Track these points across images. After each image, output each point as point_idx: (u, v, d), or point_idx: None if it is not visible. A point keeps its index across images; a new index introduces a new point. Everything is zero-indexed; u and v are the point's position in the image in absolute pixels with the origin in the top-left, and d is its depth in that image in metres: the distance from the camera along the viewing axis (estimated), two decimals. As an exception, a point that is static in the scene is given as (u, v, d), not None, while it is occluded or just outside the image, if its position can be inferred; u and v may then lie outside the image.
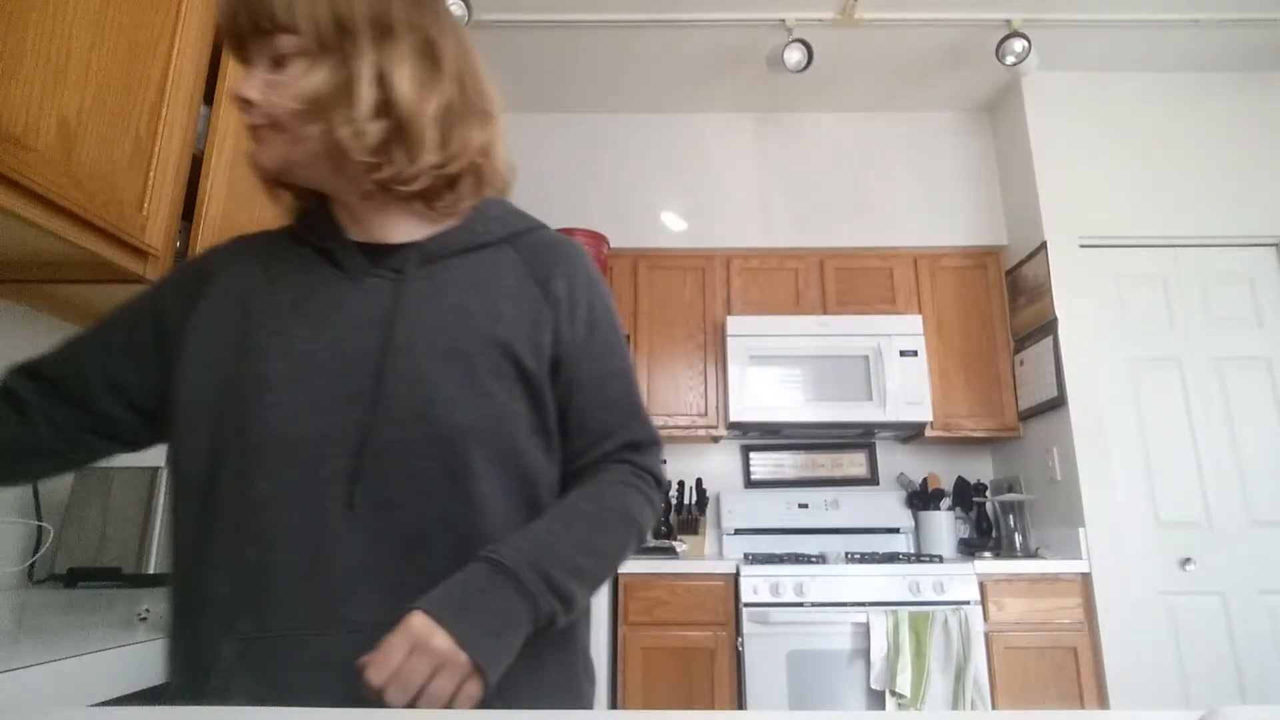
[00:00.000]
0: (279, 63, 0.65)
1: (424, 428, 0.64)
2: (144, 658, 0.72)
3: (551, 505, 0.70)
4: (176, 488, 0.66)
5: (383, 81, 0.65)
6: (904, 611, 2.21)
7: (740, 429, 2.84)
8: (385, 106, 0.65)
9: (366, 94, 0.64)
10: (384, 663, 0.55)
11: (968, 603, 2.26)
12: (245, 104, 0.65)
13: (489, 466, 0.66)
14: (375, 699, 0.55)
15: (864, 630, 2.20)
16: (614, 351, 0.77)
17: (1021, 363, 2.80)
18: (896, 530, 2.88)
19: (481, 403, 0.66)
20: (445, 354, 0.66)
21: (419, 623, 0.56)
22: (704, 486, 2.91)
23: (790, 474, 3.04)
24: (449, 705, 0.56)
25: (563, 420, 0.74)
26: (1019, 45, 2.54)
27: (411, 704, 0.55)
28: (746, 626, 2.25)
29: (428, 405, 0.64)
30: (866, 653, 2.18)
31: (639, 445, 0.76)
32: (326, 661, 0.59)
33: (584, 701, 0.74)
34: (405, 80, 0.66)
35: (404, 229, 0.72)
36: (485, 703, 0.59)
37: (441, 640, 0.56)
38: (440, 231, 0.72)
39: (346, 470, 0.62)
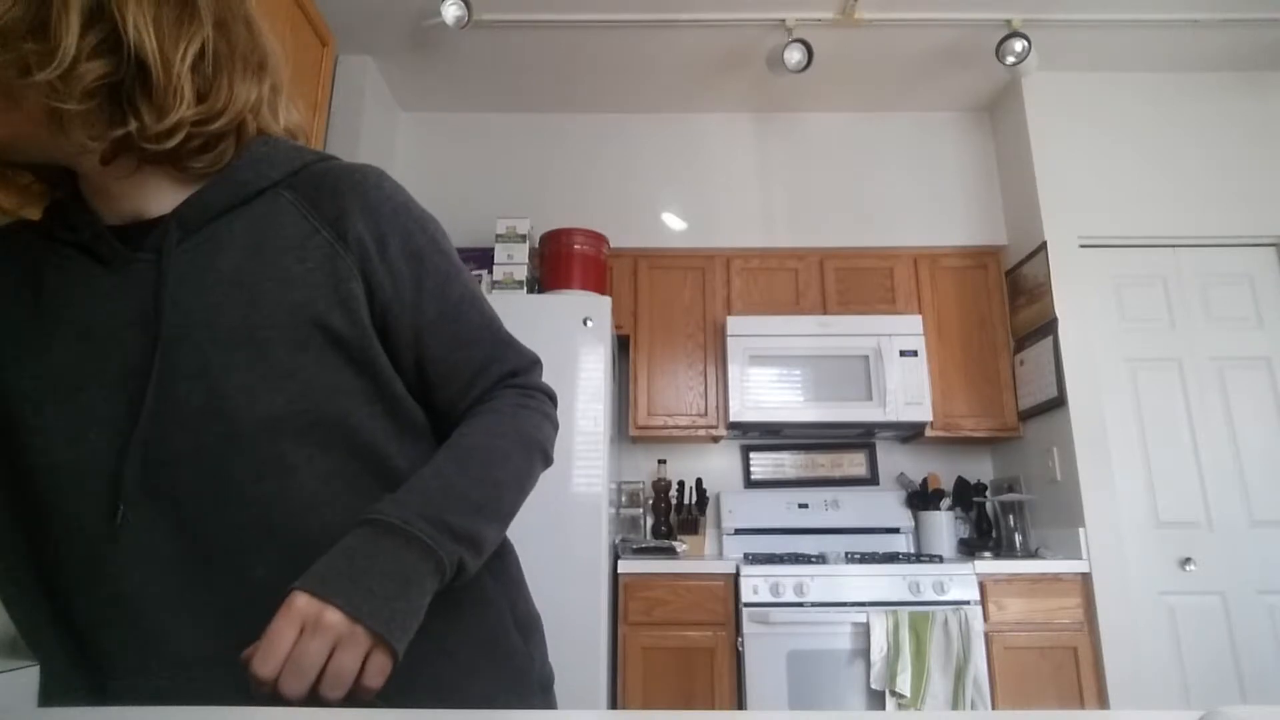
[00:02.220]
0: None
1: (218, 428, 0.55)
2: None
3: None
4: None
5: (102, 16, 0.52)
6: (904, 611, 2.21)
7: (740, 429, 2.84)
8: (109, 46, 0.53)
9: (72, 27, 0.51)
10: (271, 650, 0.47)
11: (968, 603, 2.25)
12: None
13: (311, 456, 0.57)
14: (267, 695, 0.47)
15: (864, 630, 2.20)
16: (452, 279, 0.66)
17: (1021, 363, 2.80)
18: (896, 530, 2.88)
19: (285, 385, 0.56)
20: (228, 337, 0.56)
21: (302, 601, 0.49)
22: (704, 486, 2.91)
23: (790, 474, 3.04)
24: (361, 685, 0.50)
25: (423, 372, 0.65)
26: (1019, 45, 2.54)
27: (314, 692, 0.48)
28: (746, 626, 2.25)
29: (218, 402, 0.55)
30: (866, 653, 2.18)
31: (517, 372, 0.69)
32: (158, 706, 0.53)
33: (516, 658, 0.68)
34: (136, 16, 0.53)
35: (162, 198, 0.60)
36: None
37: (333, 615, 0.48)
38: (196, 193, 0.60)
39: (112, 498, 0.54)
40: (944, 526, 2.79)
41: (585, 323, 2.37)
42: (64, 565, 0.55)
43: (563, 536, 2.18)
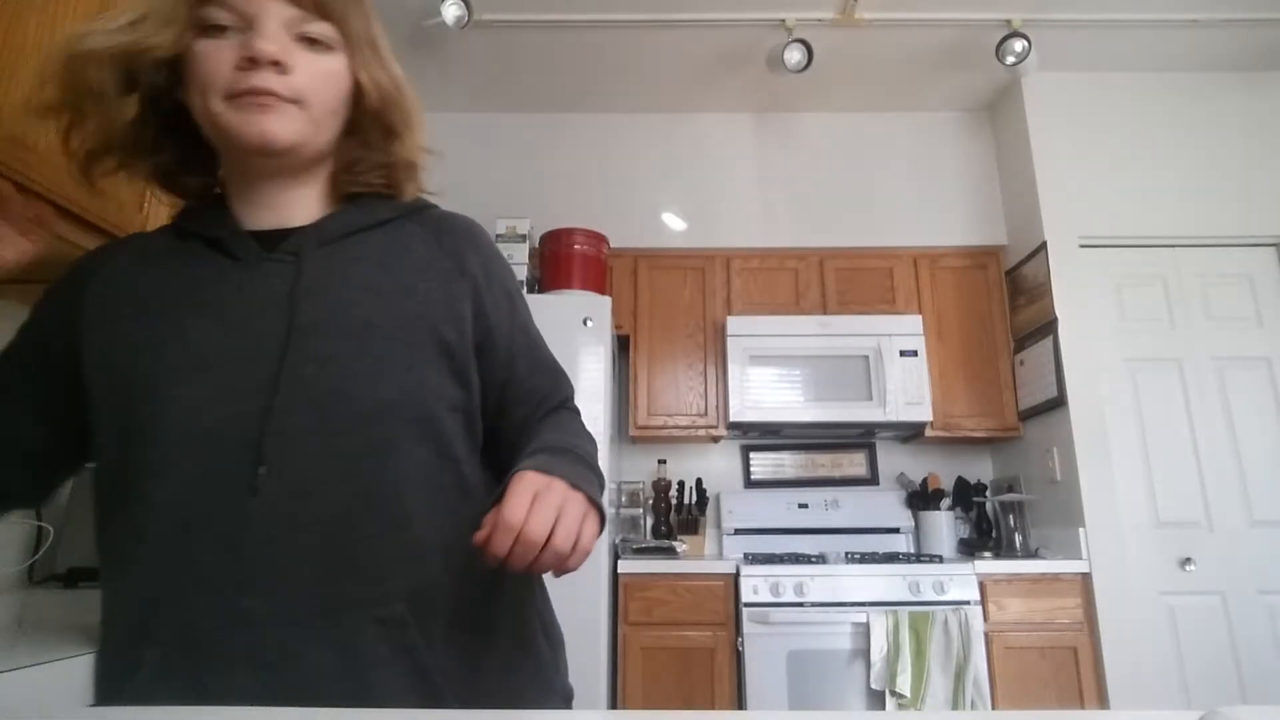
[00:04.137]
0: (302, 41, 0.65)
1: (341, 406, 0.62)
2: (144, 658, 0.71)
3: (474, 486, 0.70)
4: (97, 498, 0.64)
5: (386, 84, 0.71)
6: (904, 611, 2.21)
7: (740, 429, 2.84)
8: (386, 107, 0.71)
9: (395, 99, 0.71)
10: (517, 505, 0.55)
11: (968, 603, 2.25)
12: (277, 68, 0.63)
13: (412, 444, 0.65)
14: (500, 555, 0.56)
15: (864, 630, 2.20)
16: (530, 318, 0.81)
17: (1021, 363, 2.80)
18: (896, 530, 2.88)
19: (402, 378, 0.65)
20: (358, 331, 0.64)
21: (532, 474, 0.58)
22: (704, 486, 2.91)
23: (790, 474, 3.04)
24: (580, 546, 0.58)
25: (504, 390, 0.75)
26: (1019, 45, 2.54)
27: (540, 554, 0.56)
28: (746, 626, 2.25)
29: (343, 383, 0.62)
30: (866, 653, 2.18)
31: (568, 400, 0.82)
32: (252, 659, 0.57)
33: (543, 665, 0.75)
34: (392, 84, 0.71)
35: (306, 212, 0.71)
36: (423, 671, 0.61)
37: (559, 483, 0.58)
38: (335, 212, 0.72)
39: (251, 458, 0.60)
40: (944, 526, 2.79)
41: (585, 323, 2.37)
42: (185, 525, 0.60)
43: (563, 536, 2.17)
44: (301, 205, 0.71)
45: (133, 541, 0.60)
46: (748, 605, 2.27)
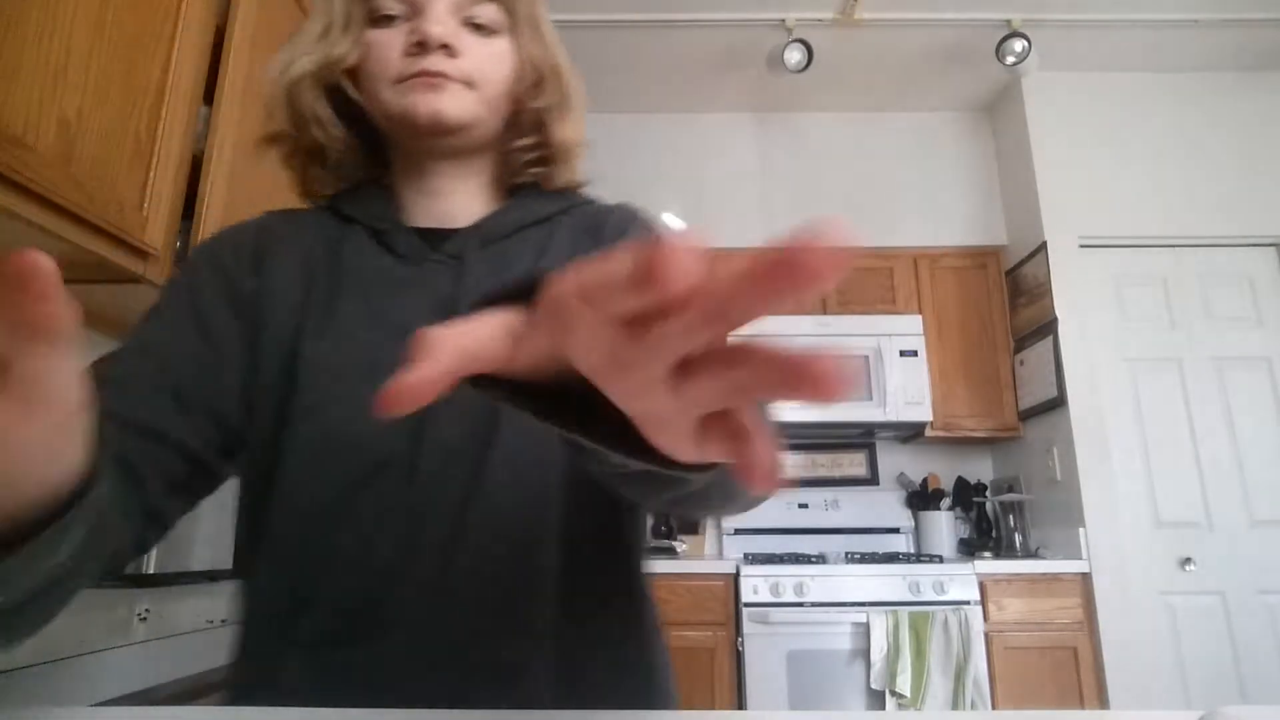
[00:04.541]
0: (468, 26, 0.64)
1: (497, 419, 0.60)
2: (144, 658, 0.71)
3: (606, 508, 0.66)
4: (244, 483, 0.62)
5: (544, 66, 0.69)
6: (904, 611, 2.21)
7: (740, 429, 2.84)
8: (546, 88, 0.70)
9: (554, 80, 0.68)
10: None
11: (968, 603, 2.25)
12: (446, 51, 0.62)
13: (562, 460, 0.62)
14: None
15: (864, 630, 2.20)
16: None
17: (1021, 363, 2.80)
18: (896, 530, 2.88)
19: None
20: None
21: None
22: (704, 486, 2.90)
23: (790, 474, 3.03)
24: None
25: None
26: (1019, 45, 2.54)
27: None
28: (746, 626, 2.25)
29: None
30: (866, 653, 2.18)
31: None
32: (375, 672, 0.56)
33: (670, 703, 0.68)
34: (550, 66, 0.69)
35: (471, 209, 0.69)
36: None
37: None
38: (496, 210, 0.70)
39: (408, 471, 0.58)
40: (944, 526, 2.79)
41: (585, 323, 2.37)
42: (333, 527, 0.58)
43: (563, 536, 2.18)
44: (467, 196, 0.70)
45: (278, 538, 0.59)
46: (748, 605, 2.27)
